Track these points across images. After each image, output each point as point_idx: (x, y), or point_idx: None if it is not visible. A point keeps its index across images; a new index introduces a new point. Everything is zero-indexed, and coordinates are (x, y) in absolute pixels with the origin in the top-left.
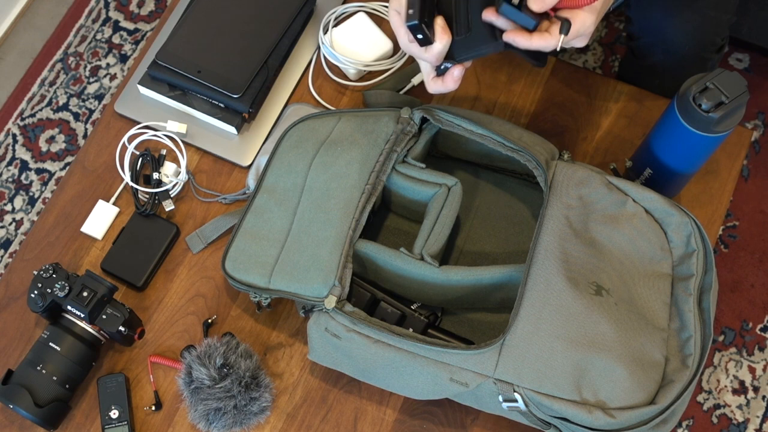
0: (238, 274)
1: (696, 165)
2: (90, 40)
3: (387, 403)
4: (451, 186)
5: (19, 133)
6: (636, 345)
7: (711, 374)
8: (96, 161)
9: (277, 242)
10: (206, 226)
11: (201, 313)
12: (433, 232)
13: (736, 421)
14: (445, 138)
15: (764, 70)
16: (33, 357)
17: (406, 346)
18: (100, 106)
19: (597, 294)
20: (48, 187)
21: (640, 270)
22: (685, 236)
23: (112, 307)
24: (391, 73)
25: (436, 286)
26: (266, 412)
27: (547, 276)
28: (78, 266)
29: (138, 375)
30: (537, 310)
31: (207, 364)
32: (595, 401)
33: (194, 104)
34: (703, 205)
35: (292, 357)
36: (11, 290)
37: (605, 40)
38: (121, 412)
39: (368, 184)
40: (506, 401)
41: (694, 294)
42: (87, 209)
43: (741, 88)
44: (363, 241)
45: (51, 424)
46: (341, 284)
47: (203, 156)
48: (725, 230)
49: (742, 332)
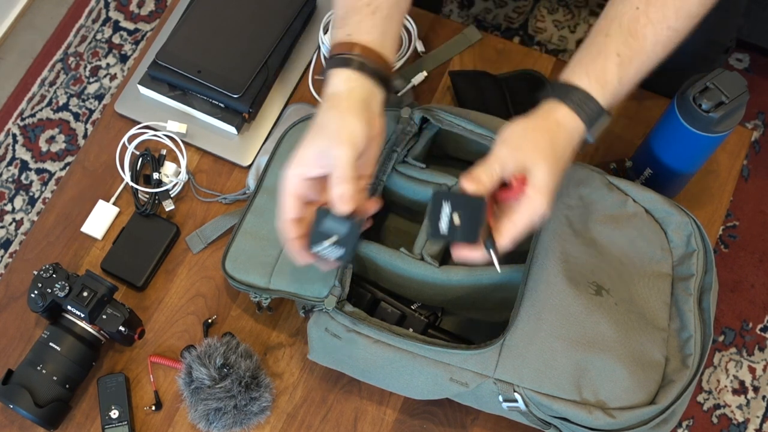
0: (238, 274)
1: (696, 165)
2: (90, 40)
3: (387, 403)
4: (451, 186)
5: (19, 133)
6: (636, 345)
7: (711, 374)
8: (96, 161)
9: (277, 242)
10: (206, 226)
11: (201, 313)
12: None
13: (736, 421)
14: (445, 138)
15: (764, 70)
16: (33, 357)
17: (406, 346)
18: (100, 106)
19: (597, 294)
20: (48, 187)
21: (640, 270)
22: (685, 236)
23: (112, 307)
24: None
25: (436, 286)
26: (266, 412)
27: (547, 276)
28: (78, 266)
29: (138, 375)
30: (537, 310)
31: (207, 364)
32: (595, 401)
33: (194, 104)
34: (703, 205)
35: (292, 357)
36: (11, 290)
37: None
38: (121, 412)
39: (368, 184)
40: (506, 401)
41: (694, 294)
42: (87, 209)
43: (741, 88)
44: (363, 241)
45: (51, 424)
46: (341, 284)
47: (203, 156)
48: (725, 230)
49: (742, 332)
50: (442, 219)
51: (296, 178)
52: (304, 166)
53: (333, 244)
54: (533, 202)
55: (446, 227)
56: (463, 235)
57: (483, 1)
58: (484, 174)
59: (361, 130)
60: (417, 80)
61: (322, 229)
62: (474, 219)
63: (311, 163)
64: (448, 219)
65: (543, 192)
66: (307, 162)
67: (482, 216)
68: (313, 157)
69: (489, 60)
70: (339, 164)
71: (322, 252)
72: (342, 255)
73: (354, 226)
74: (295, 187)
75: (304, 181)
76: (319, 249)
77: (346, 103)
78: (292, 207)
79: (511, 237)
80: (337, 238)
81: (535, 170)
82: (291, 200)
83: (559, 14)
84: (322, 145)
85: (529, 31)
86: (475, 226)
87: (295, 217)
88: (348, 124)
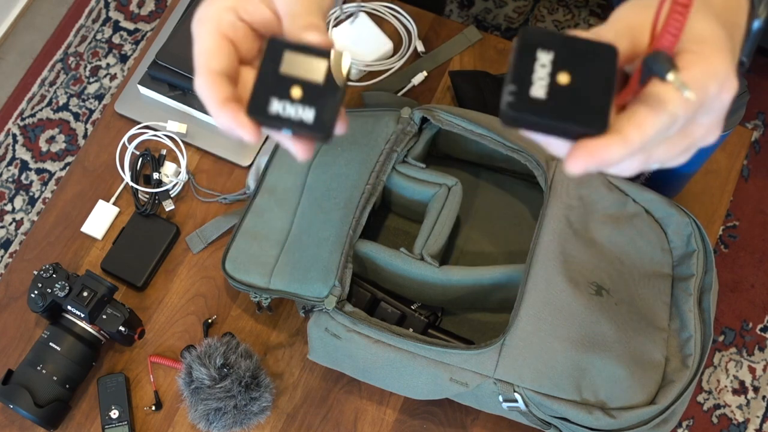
0: (238, 274)
1: (696, 165)
2: (90, 40)
3: (387, 403)
4: (451, 186)
5: (19, 133)
6: (636, 345)
7: (711, 374)
8: (96, 161)
9: (277, 242)
10: (206, 226)
11: (201, 313)
12: (433, 232)
13: (736, 421)
14: (445, 138)
15: (764, 70)
16: (33, 357)
17: (406, 346)
18: (100, 106)
19: (597, 294)
20: (48, 187)
21: (641, 270)
22: (685, 236)
23: (112, 307)
24: (391, 73)
25: (436, 286)
26: (266, 412)
27: (547, 276)
28: (78, 266)
29: (138, 375)
30: (537, 310)
31: (207, 364)
32: (596, 401)
33: (194, 104)
34: (703, 205)
35: (292, 357)
36: (11, 290)
37: None
38: (121, 412)
39: (368, 184)
40: (506, 401)
41: (694, 294)
42: (87, 209)
43: (741, 88)
44: (363, 241)
45: (51, 424)
46: (341, 284)
47: (203, 156)
48: (725, 230)
49: (742, 332)
50: (535, 78)
51: (227, 11)
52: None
53: (302, 101)
54: (707, 58)
55: (545, 91)
56: (581, 111)
57: (483, 1)
58: (606, 32)
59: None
60: (417, 80)
61: (281, 72)
62: (600, 81)
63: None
64: (548, 78)
65: (718, 46)
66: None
67: (654, 62)
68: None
69: (489, 60)
70: (306, 7)
71: (281, 113)
72: (313, 121)
73: (335, 62)
74: (224, 25)
75: (239, 21)
76: (276, 109)
77: None
78: (220, 52)
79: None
80: (306, 86)
81: (690, 28)
82: (218, 42)
83: (559, 14)
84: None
85: None
86: (604, 94)
87: (224, 68)
88: None
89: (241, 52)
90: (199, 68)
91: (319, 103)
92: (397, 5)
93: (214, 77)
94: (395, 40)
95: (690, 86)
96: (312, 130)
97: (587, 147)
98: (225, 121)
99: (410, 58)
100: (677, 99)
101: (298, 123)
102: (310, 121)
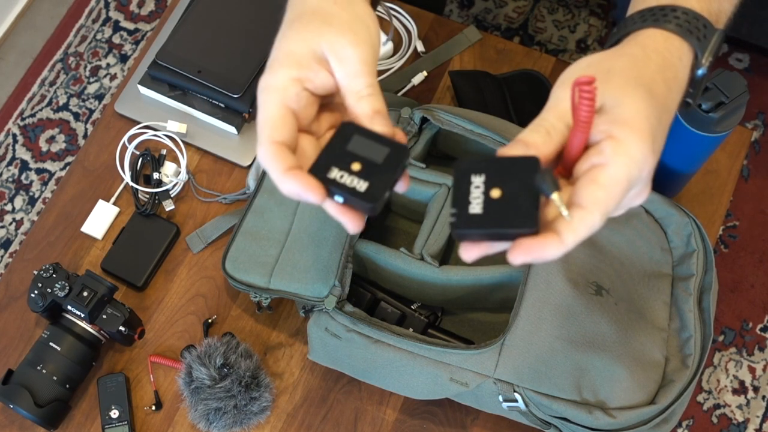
0: (238, 274)
1: (696, 165)
2: (90, 40)
3: (387, 403)
4: (451, 186)
5: (19, 133)
6: (636, 345)
7: (711, 374)
8: (96, 161)
9: (277, 242)
10: (206, 226)
11: (201, 313)
12: (433, 232)
13: (736, 421)
14: (445, 138)
15: (764, 70)
16: (33, 357)
17: (406, 346)
18: (100, 106)
19: (597, 294)
20: (48, 187)
21: (640, 270)
22: (685, 236)
23: (112, 307)
24: (390, 73)
25: (436, 286)
26: (266, 412)
27: (547, 276)
28: (78, 266)
29: (138, 375)
30: (537, 310)
31: (207, 363)
32: (595, 401)
33: (194, 104)
34: (703, 205)
35: (292, 357)
36: (11, 290)
37: (605, 39)
38: (121, 412)
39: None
40: (506, 401)
41: (694, 294)
42: (87, 209)
43: (741, 88)
44: (363, 241)
45: (51, 424)
46: (341, 284)
47: (203, 156)
48: (725, 230)
49: (742, 332)
50: (472, 198)
51: (292, 83)
52: (301, 68)
53: (359, 173)
54: (625, 146)
55: (481, 207)
56: (512, 217)
57: (483, 1)
58: (534, 134)
59: (375, 24)
60: (417, 80)
61: (347, 149)
62: (526, 189)
63: (310, 64)
64: (482, 196)
65: (637, 129)
66: (302, 62)
67: (542, 182)
68: (309, 57)
69: (489, 60)
70: (363, 69)
71: (338, 179)
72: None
73: (396, 151)
74: (289, 96)
75: (303, 91)
76: (334, 176)
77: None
78: (284, 124)
79: (601, 207)
80: (365, 164)
81: (617, 106)
82: (282, 114)
83: (559, 14)
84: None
85: (529, 31)
86: (530, 199)
87: (286, 139)
88: (360, 12)
89: (301, 122)
90: (263, 138)
91: (373, 179)
92: (397, 5)
93: (276, 148)
94: (395, 40)
95: (605, 187)
96: (362, 198)
97: (522, 245)
98: (291, 186)
99: (410, 58)
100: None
101: (350, 190)
102: (362, 190)
